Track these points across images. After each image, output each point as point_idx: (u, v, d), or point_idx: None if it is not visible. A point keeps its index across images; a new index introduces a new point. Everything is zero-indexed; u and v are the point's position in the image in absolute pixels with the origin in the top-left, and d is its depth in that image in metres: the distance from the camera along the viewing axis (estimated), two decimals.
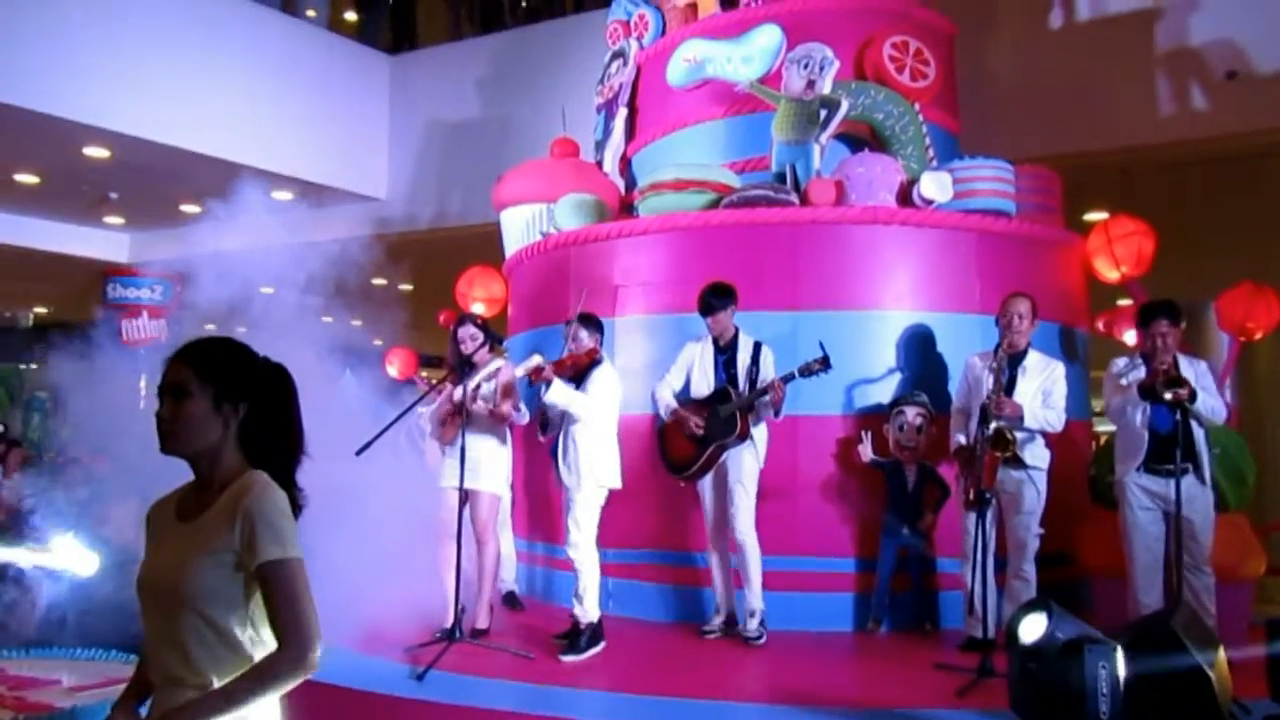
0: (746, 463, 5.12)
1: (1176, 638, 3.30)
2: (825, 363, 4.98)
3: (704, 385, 5.23)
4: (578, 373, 5.01)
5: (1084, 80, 7.56)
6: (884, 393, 5.60)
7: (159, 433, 1.89)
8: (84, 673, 3.49)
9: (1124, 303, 7.45)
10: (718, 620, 5.27)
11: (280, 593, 1.81)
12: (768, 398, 5.00)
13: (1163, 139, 7.39)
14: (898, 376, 5.65)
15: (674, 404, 5.22)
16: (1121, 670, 3.27)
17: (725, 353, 5.22)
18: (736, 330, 5.22)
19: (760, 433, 5.18)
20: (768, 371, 5.11)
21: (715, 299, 5.15)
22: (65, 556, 4.60)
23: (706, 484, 5.24)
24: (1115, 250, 6.32)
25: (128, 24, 8.80)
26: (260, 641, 1.85)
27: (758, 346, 5.18)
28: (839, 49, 6.28)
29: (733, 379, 5.15)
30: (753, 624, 5.13)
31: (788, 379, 4.99)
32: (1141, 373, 4.80)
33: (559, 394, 4.86)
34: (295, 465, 1.97)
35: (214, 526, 1.84)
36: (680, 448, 5.24)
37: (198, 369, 1.89)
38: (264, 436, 1.93)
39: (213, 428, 1.89)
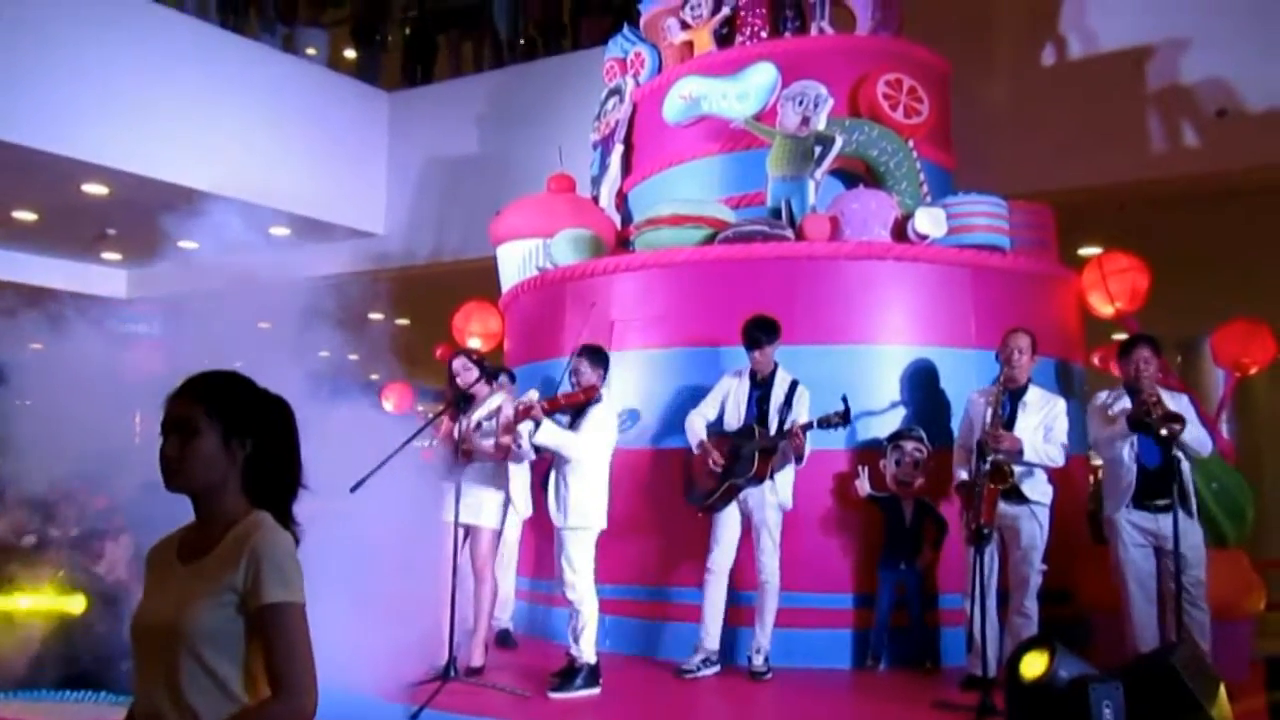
0: (769, 504, 5.09)
1: (1177, 676, 3.27)
2: (846, 416, 4.97)
3: (736, 419, 5.21)
4: (574, 409, 4.98)
5: (1076, 117, 7.64)
6: (881, 428, 5.59)
7: (164, 469, 1.85)
8: (73, 715, 3.44)
9: (1119, 338, 7.47)
10: (698, 659, 5.12)
11: (281, 638, 1.77)
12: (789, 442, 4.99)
13: (1155, 175, 7.45)
14: (895, 411, 5.64)
15: (703, 435, 5.21)
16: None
17: (761, 388, 5.20)
18: (775, 366, 5.21)
19: (784, 475, 5.14)
20: (800, 411, 5.08)
21: (763, 334, 5.13)
22: (55, 596, 4.55)
23: (724, 517, 5.17)
24: (1110, 285, 6.35)
25: (127, 61, 8.89)
26: (254, 686, 1.81)
27: (794, 385, 5.16)
28: (833, 86, 6.34)
29: (764, 415, 5.12)
30: (758, 659, 5.10)
31: (806, 429, 4.97)
32: (1126, 402, 4.81)
33: (549, 435, 4.80)
34: (293, 499, 1.94)
35: (218, 567, 1.81)
36: (703, 479, 5.22)
37: (206, 405, 1.86)
38: (267, 472, 1.90)
39: (220, 464, 1.86)
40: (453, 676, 4.73)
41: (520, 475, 5.29)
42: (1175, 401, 4.84)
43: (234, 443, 1.87)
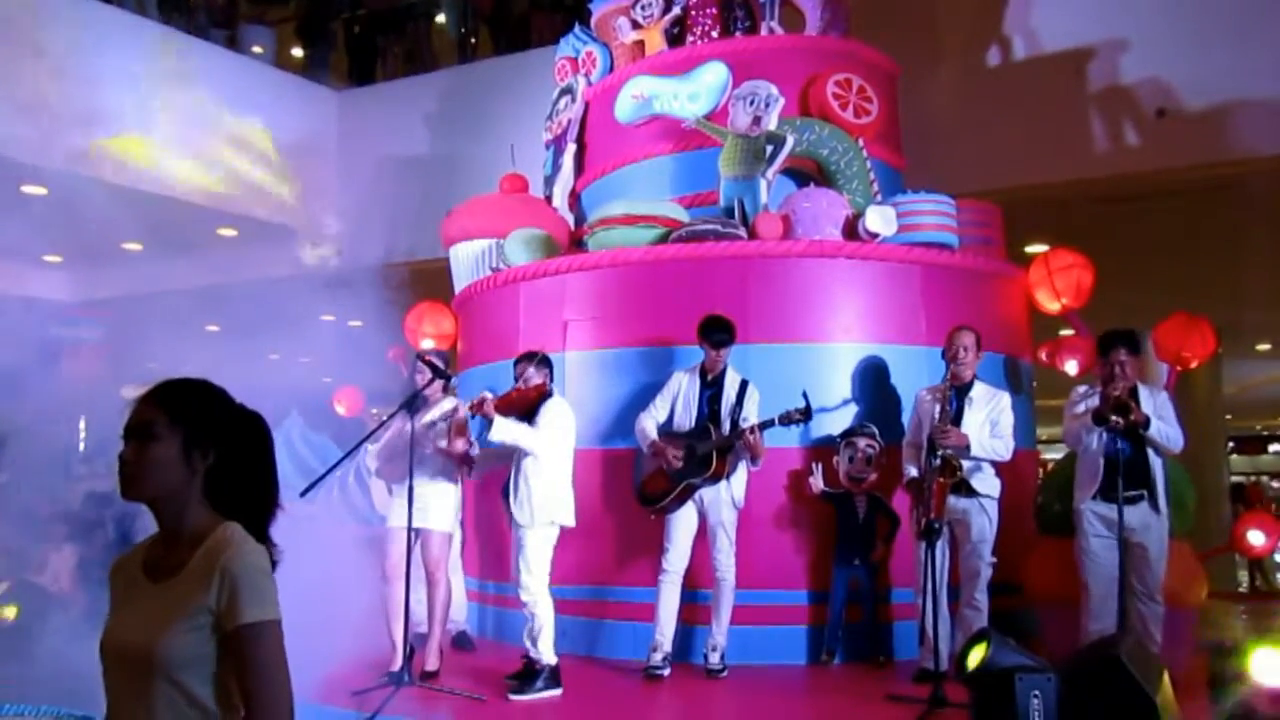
0: (725, 503, 5.10)
1: (1122, 665, 3.33)
2: (807, 413, 5.00)
3: (686, 419, 5.20)
4: (527, 408, 4.96)
5: (1021, 117, 7.76)
6: (834, 425, 5.64)
7: (120, 476, 1.79)
8: None
9: (1066, 333, 7.61)
10: (658, 657, 5.11)
11: (258, 658, 1.70)
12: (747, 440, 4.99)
13: (1097, 174, 7.59)
14: (847, 408, 5.69)
15: (654, 436, 5.20)
16: (1056, 699, 3.31)
17: (711, 388, 5.20)
18: (726, 366, 5.22)
19: (739, 473, 5.14)
20: (751, 411, 5.09)
21: (727, 334, 5.14)
22: None
23: (678, 518, 5.16)
24: (1055, 282, 6.46)
25: (66, 60, 8.67)
26: (232, 708, 1.75)
27: (744, 385, 5.17)
28: (784, 86, 6.38)
29: (715, 415, 5.13)
30: (715, 657, 5.12)
31: (766, 426, 4.99)
32: (1097, 400, 4.89)
33: (503, 431, 4.77)
34: (269, 518, 1.86)
35: (189, 586, 1.73)
36: (655, 480, 5.20)
37: (169, 411, 1.79)
38: (233, 487, 1.83)
39: (178, 474, 1.78)
40: (407, 681, 4.69)
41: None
42: (1154, 398, 4.93)
43: (195, 453, 1.79)
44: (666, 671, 5.10)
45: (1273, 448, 25.63)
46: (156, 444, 1.77)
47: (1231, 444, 19.83)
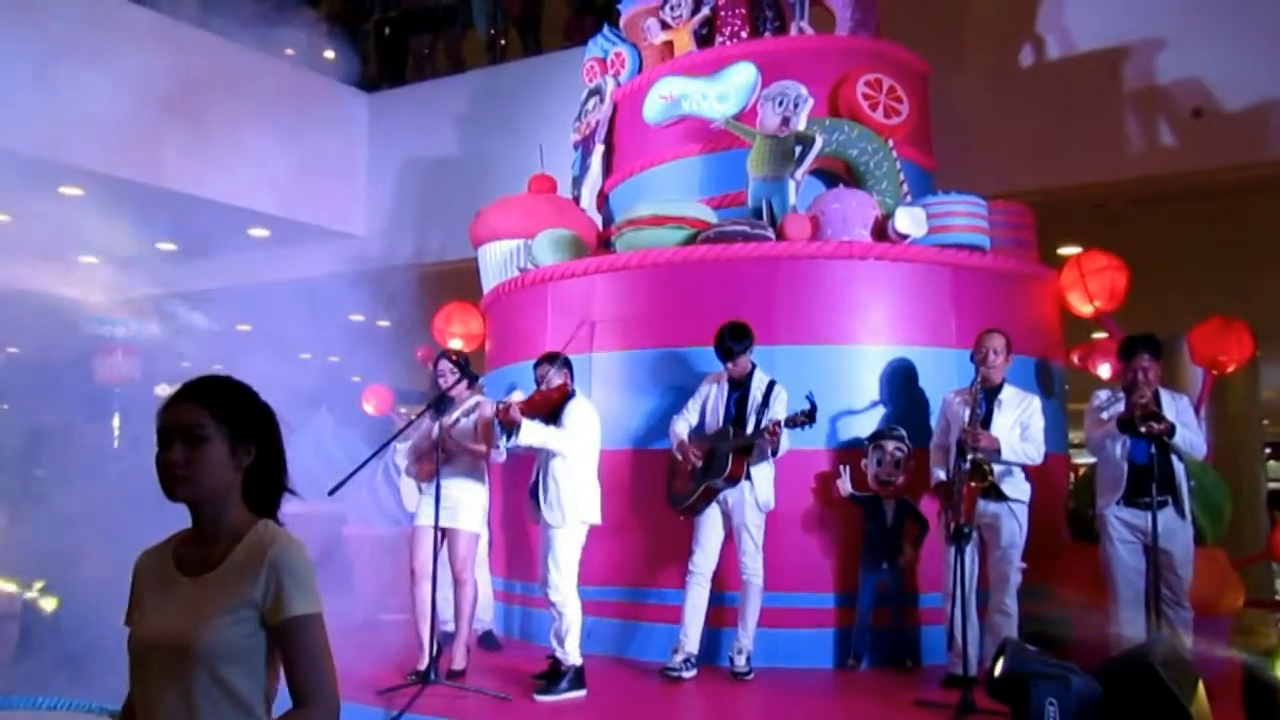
0: (749, 504, 5.08)
1: (1156, 672, 3.28)
2: (811, 416, 4.97)
3: (714, 421, 5.21)
4: (551, 410, 4.96)
5: (1054, 117, 7.67)
6: (862, 427, 5.60)
7: (168, 478, 1.78)
8: None
9: (1099, 336, 7.51)
10: (678, 658, 5.10)
11: (305, 650, 1.74)
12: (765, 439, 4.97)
13: (1132, 175, 7.48)
14: (876, 411, 5.65)
15: (683, 437, 5.21)
16: (1075, 704, 3.27)
17: (738, 389, 5.20)
18: (753, 367, 5.21)
19: (764, 475, 5.12)
20: (778, 411, 5.07)
21: (735, 343, 5.12)
22: (30, 595, 4.51)
23: (705, 519, 5.16)
24: (1089, 285, 6.38)
25: (102, 62, 8.79)
26: (272, 701, 1.78)
27: (771, 385, 5.15)
28: (813, 87, 6.35)
29: (741, 416, 5.12)
30: (740, 660, 5.10)
31: (778, 425, 4.95)
32: (1122, 406, 4.84)
33: (532, 434, 4.79)
34: (279, 503, 1.91)
35: (233, 580, 1.76)
36: (681, 481, 5.22)
37: (213, 410, 1.80)
38: (264, 479, 1.86)
39: (228, 473, 1.81)
40: (433, 680, 4.71)
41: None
42: (1175, 403, 4.87)
43: (240, 449, 1.82)
44: (688, 674, 5.07)
45: None
46: (207, 445, 1.79)
47: (1269, 450, 19.51)
